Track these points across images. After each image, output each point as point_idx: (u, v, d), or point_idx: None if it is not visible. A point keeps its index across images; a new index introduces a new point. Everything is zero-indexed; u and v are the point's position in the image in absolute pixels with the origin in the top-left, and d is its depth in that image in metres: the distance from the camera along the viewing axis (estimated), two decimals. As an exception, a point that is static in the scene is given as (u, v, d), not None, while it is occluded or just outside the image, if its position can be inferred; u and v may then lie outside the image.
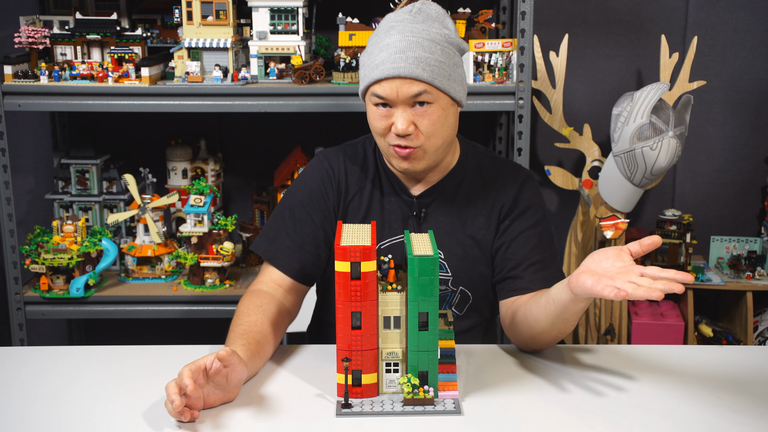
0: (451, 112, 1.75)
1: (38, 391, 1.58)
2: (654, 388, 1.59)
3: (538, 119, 2.96)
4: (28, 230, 2.96)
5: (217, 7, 2.55)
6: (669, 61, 2.82)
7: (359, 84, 1.78)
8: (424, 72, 1.67)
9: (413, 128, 1.70)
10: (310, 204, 1.86)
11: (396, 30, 1.70)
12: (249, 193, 3.09)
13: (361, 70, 1.77)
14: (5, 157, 2.58)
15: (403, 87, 1.68)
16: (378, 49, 1.71)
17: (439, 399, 1.51)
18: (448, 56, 1.71)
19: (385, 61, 1.68)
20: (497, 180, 1.87)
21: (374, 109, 1.74)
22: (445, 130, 1.75)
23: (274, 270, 1.84)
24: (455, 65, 1.74)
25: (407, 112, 1.70)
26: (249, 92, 2.55)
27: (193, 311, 2.69)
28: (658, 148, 2.67)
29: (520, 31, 2.53)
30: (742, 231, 3.13)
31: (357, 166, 1.89)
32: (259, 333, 1.64)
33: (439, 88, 1.70)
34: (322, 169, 1.88)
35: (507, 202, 1.85)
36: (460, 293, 1.88)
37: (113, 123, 3.05)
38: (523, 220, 1.84)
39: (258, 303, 1.73)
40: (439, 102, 1.71)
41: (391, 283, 1.51)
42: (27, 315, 2.68)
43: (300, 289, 1.86)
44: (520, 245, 1.82)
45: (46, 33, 2.62)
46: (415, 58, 1.67)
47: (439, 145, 1.75)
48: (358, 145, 1.93)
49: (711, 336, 2.88)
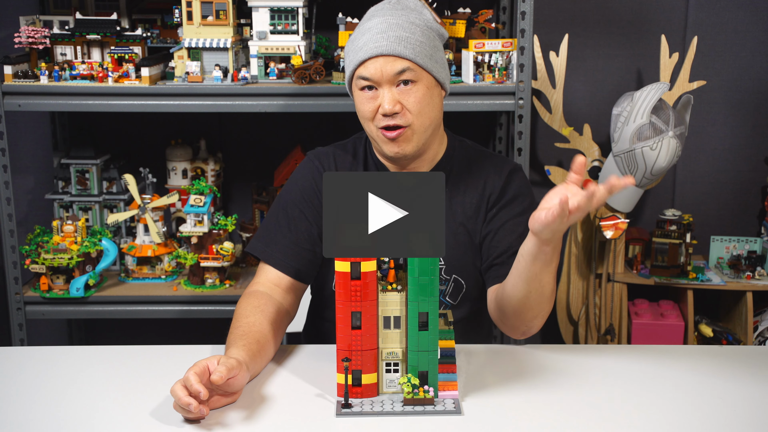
0: (435, 93, 1.80)
1: (38, 391, 1.58)
2: (654, 388, 1.59)
3: (538, 119, 2.96)
4: (28, 230, 2.95)
5: (217, 7, 2.55)
6: (669, 61, 2.82)
7: (345, 74, 1.84)
8: (406, 50, 1.74)
9: (400, 107, 1.75)
10: (303, 202, 1.88)
11: (376, 17, 1.79)
12: (249, 193, 3.08)
13: (345, 58, 1.84)
14: (5, 157, 2.58)
15: (387, 65, 1.74)
16: (360, 33, 1.78)
17: (439, 399, 1.51)
18: (428, 38, 1.78)
19: (368, 42, 1.75)
20: (485, 170, 1.91)
21: (360, 94, 1.79)
22: (432, 110, 1.79)
23: (271, 270, 1.84)
24: (436, 48, 1.80)
25: (392, 92, 1.76)
26: (249, 92, 2.55)
27: (193, 311, 2.69)
28: (658, 148, 2.67)
29: (520, 31, 2.53)
30: (742, 231, 3.13)
31: (347, 164, 1.92)
32: (259, 333, 1.65)
33: (422, 66, 1.75)
34: (312, 168, 1.92)
35: (495, 191, 1.88)
36: (454, 282, 1.89)
37: (113, 123, 3.05)
38: (510, 208, 1.87)
39: (256, 304, 1.74)
40: (423, 81, 1.77)
41: (391, 283, 1.51)
42: (27, 315, 2.68)
43: (297, 287, 1.87)
44: (506, 233, 1.84)
45: (46, 33, 2.62)
46: (396, 36, 1.74)
47: (427, 125, 1.79)
48: (348, 144, 1.97)
49: (711, 336, 2.88)
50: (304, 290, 1.90)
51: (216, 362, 1.47)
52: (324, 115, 2.99)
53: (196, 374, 1.43)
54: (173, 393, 1.43)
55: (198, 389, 1.41)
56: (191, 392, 1.42)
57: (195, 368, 1.45)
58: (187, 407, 1.40)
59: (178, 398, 1.41)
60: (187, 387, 1.42)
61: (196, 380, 1.42)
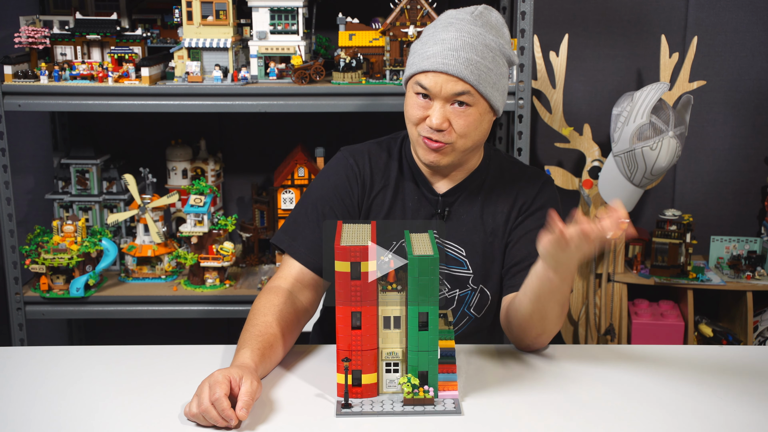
0: (486, 119, 1.77)
1: (38, 391, 1.58)
2: (654, 388, 1.59)
3: (538, 119, 2.96)
4: (28, 230, 2.96)
5: (217, 7, 2.55)
6: (669, 61, 2.82)
7: (405, 69, 1.80)
8: (472, 75, 1.70)
9: (447, 125, 1.73)
10: (335, 199, 1.86)
11: (454, 27, 1.73)
12: (249, 193, 3.09)
13: (410, 57, 1.79)
14: (5, 157, 2.58)
15: (448, 84, 1.70)
16: (433, 41, 1.73)
17: (439, 399, 1.51)
18: (497, 65, 1.74)
19: (437, 54, 1.71)
20: (518, 181, 1.89)
21: (414, 98, 1.76)
22: (478, 134, 1.77)
23: (295, 264, 1.82)
24: (502, 75, 1.77)
25: (445, 109, 1.73)
26: (249, 92, 2.55)
27: (193, 311, 2.69)
28: (658, 148, 2.67)
29: (520, 31, 2.53)
30: (742, 231, 3.13)
31: (382, 164, 1.89)
32: (272, 335, 1.64)
33: (482, 93, 1.72)
34: (347, 165, 1.88)
35: (527, 201, 1.87)
36: (480, 293, 1.88)
37: (113, 123, 3.05)
38: (535, 218, 1.85)
39: (276, 302, 1.72)
40: (478, 106, 1.73)
41: (391, 283, 1.51)
42: (27, 315, 2.68)
43: (319, 284, 1.85)
44: (527, 242, 1.83)
45: (46, 33, 2.62)
46: (466, 59, 1.70)
47: (469, 147, 1.77)
48: (383, 142, 1.94)
49: (711, 336, 2.88)
50: (325, 288, 1.88)
51: (230, 378, 1.47)
52: (324, 115, 2.99)
53: (226, 396, 1.43)
54: (207, 412, 1.42)
55: (242, 414, 1.42)
56: (223, 417, 1.42)
57: (220, 388, 1.44)
58: (230, 421, 1.42)
59: (221, 411, 1.42)
60: (216, 407, 1.43)
61: (228, 405, 1.43)
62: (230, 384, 1.46)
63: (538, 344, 1.75)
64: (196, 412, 1.43)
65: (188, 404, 1.46)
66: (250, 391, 1.45)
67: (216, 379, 1.45)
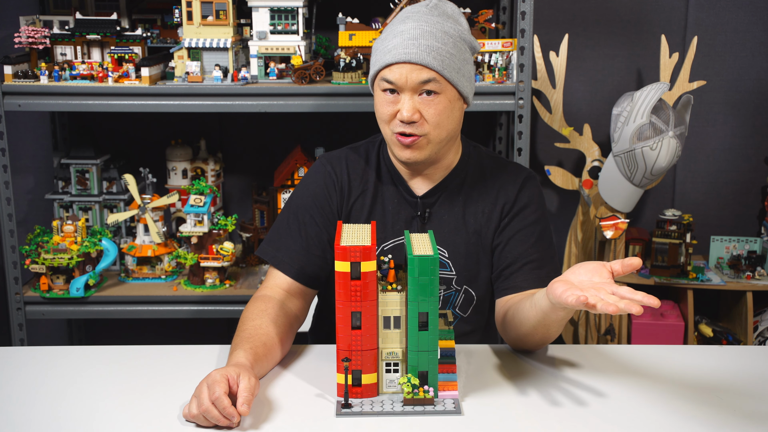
0: (456, 106, 1.77)
1: (38, 391, 1.58)
2: (654, 388, 1.59)
3: (538, 119, 2.96)
4: (28, 230, 2.96)
5: (217, 7, 2.55)
6: (669, 61, 2.82)
7: (369, 69, 1.81)
8: (435, 60, 1.70)
9: (418, 116, 1.72)
10: (314, 207, 1.86)
11: (411, 19, 1.74)
12: (249, 193, 3.08)
13: (372, 56, 1.80)
14: (5, 157, 2.58)
15: (413, 73, 1.70)
16: (392, 35, 1.74)
17: (439, 399, 1.51)
18: (459, 50, 1.74)
19: (398, 46, 1.71)
20: (499, 178, 1.88)
21: (381, 95, 1.76)
22: (450, 122, 1.76)
23: (280, 274, 1.83)
24: (465, 61, 1.76)
25: (414, 100, 1.72)
26: (249, 92, 2.55)
27: (193, 311, 2.69)
28: (658, 148, 2.67)
29: (520, 31, 2.53)
30: (742, 231, 3.13)
31: (360, 169, 1.89)
32: (265, 336, 1.64)
33: (448, 79, 1.72)
34: (324, 173, 1.89)
35: (509, 200, 1.85)
36: (464, 293, 1.87)
37: (113, 123, 3.05)
38: (522, 217, 1.84)
39: (263, 308, 1.73)
40: (446, 93, 1.73)
41: (391, 283, 1.51)
42: (27, 315, 2.68)
43: (306, 293, 1.86)
44: (517, 243, 1.82)
45: (46, 33, 2.62)
46: (427, 46, 1.70)
47: (443, 138, 1.77)
48: (360, 147, 1.93)
49: (711, 336, 2.88)
50: (313, 295, 1.89)
51: (228, 377, 1.46)
52: (324, 115, 2.99)
53: (225, 393, 1.43)
54: (209, 411, 1.42)
55: (243, 410, 1.42)
56: (225, 415, 1.42)
57: (219, 387, 1.43)
58: (232, 419, 1.41)
59: (222, 409, 1.41)
60: (217, 405, 1.42)
61: (229, 403, 1.42)
62: (228, 382, 1.46)
63: (537, 349, 1.75)
64: (196, 412, 1.43)
65: (187, 406, 1.46)
66: (249, 387, 1.45)
67: (214, 379, 1.45)
